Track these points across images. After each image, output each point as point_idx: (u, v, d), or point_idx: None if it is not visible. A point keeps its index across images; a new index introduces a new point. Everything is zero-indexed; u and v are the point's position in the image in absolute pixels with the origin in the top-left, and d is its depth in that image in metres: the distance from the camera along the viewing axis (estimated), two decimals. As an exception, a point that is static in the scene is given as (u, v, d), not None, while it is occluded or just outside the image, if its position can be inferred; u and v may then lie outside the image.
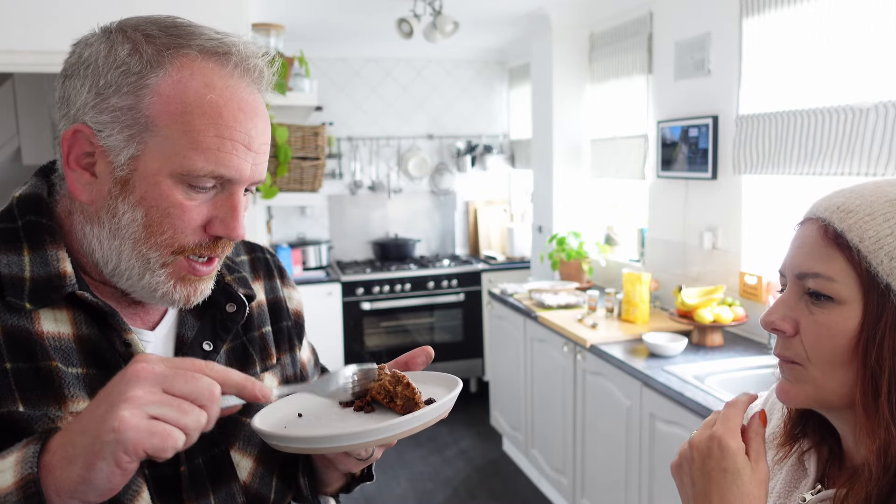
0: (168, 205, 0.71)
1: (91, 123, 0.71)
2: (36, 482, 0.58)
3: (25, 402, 0.68)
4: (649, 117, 3.40)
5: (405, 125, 5.23)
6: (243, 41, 0.75)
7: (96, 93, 0.71)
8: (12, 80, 4.40)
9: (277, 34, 3.24)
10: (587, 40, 3.99)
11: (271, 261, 1.00)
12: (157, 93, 0.70)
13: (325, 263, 4.88)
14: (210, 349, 0.83)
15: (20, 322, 0.70)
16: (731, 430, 0.73)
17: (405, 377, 0.77)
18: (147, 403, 0.59)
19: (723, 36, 2.83)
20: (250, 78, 0.74)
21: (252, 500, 0.83)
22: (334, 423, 0.77)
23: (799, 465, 0.83)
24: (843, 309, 0.70)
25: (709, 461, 0.72)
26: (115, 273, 0.75)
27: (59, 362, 0.70)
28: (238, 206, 0.75)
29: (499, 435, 4.15)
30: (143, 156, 0.71)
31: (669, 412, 2.28)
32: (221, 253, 0.78)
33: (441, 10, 3.54)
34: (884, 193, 0.71)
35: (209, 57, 0.72)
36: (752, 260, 2.80)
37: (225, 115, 0.71)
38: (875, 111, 2.10)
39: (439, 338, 4.87)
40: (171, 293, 0.75)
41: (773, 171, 2.54)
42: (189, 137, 0.70)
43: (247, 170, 0.73)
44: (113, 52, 0.72)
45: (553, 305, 3.37)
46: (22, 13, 2.64)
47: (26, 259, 0.73)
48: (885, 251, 0.67)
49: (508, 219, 5.46)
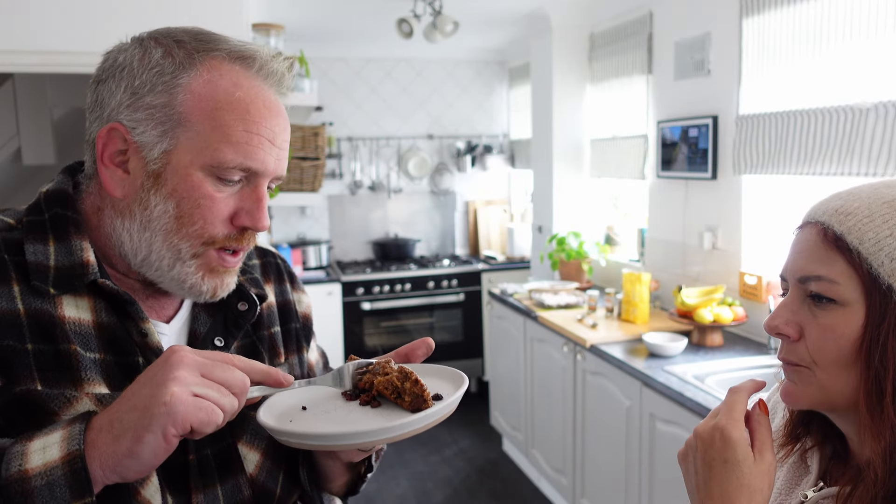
0: (199, 196, 0.76)
1: (125, 122, 0.76)
2: (82, 458, 0.62)
3: (44, 382, 0.71)
4: (649, 117, 3.40)
5: (405, 125, 5.23)
6: (265, 49, 0.80)
7: (132, 93, 0.76)
8: (12, 80, 4.40)
9: (277, 34, 3.24)
10: (587, 40, 3.99)
11: (282, 265, 1.04)
12: (189, 91, 0.75)
13: (325, 263, 4.89)
14: (221, 345, 0.86)
15: (44, 306, 0.74)
16: (734, 420, 0.73)
17: (413, 373, 0.77)
18: (192, 383, 0.64)
19: (722, 36, 2.83)
20: (273, 80, 0.80)
21: (258, 493, 0.85)
22: (342, 417, 0.78)
23: (801, 462, 0.83)
24: (846, 311, 0.70)
25: (710, 451, 0.72)
26: (145, 264, 0.79)
27: (79, 346, 0.74)
28: (263, 197, 0.79)
29: (499, 435, 4.15)
30: (175, 150, 0.75)
31: (669, 412, 2.28)
32: (247, 245, 0.82)
33: (441, 10, 3.54)
34: (881, 195, 0.71)
35: (236, 60, 0.78)
36: (752, 260, 2.80)
37: (252, 111, 0.76)
38: (875, 111, 2.10)
39: (439, 338, 4.87)
40: (200, 284, 0.80)
41: (773, 171, 2.54)
42: (219, 132, 0.75)
43: (271, 163, 0.79)
44: (147, 55, 0.76)
45: (553, 305, 3.37)
46: (22, 13, 2.64)
47: (51, 248, 0.77)
48: (886, 252, 0.68)
49: (508, 219, 5.46)
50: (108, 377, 0.75)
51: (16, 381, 0.70)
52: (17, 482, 0.61)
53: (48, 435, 0.64)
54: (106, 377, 0.75)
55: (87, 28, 2.66)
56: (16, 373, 0.70)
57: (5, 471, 0.61)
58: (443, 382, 0.82)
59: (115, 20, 2.67)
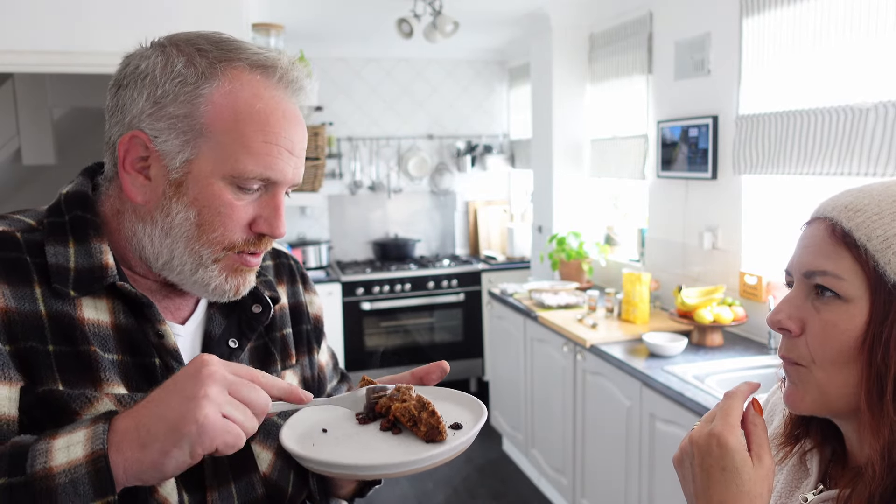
0: (219, 204, 0.78)
1: (147, 130, 0.77)
2: (105, 457, 0.63)
3: (65, 383, 0.73)
4: (649, 117, 3.40)
5: (405, 125, 5.23)
6: (285, 56, 0.82)
7: (154, 101, 0.77)
8: (12, 80, 4.40)
9: (277, 34, 3.24)
10: (587, 40, 3.99)
11: (295, 267, 1.05)
12: (211, 102, 0.77)
13: (326, 263, 4.88)
14: (235, 346, 0.88)
15: (64, 308, 0.75)
16: (730, 426, 0.72)
17: (430, 404, 0.79)
18: (222, 403, 0.65)
19: (722, 36, 2.83)
20: (292, 89, 0.81)
21: (271, 491, 0.87)
22: (364, 443, 0.79)
23: (800, 464, 0.83)
24: (849, 307, 0.69)
25: (708, 459, 0.71)
26: (167, 268, 0.81)
27: (98, 348, 0.76)
28: (280, 205, 0.82)
29: (499, 435, 4.15)
30: (196, 159, 0.77)
31: (669, 412, 2.28)
32: (264, 249, 0.85)
33: (441, 10, 3.54)
34: (892, 193, 0.71)
35: (256, 70, 0.79)
36: (752, 260, 2.80)
37: (271, 122, 0.78)
38: (875, 111, 2.10)
39: (439, 338, 4.87)
40: (223, 285, 0.82)
41: (773, 171, 2.54)
42: (240, 143, 0.77)
43: (289, 172, 0.81)
44: (170, 64, 0.77)
45: (553, 305, 3.37)
46: (22, 13, 2.64)
47: (71, 251, 0.78)
48: (893, 250, 0.67)
49: (508, 219, 5.46)
50: (126, 378, 0.77)
51: (38, 381, 0.72)
52: (42, 479, 0.62)
53: (71, 433, 0.65)
54: (124, 378, 0.77)
55: (86, 28, 2.66)
56: (38, 373, 0.72)
57: (30, 467, 0.62)
58: (461, 410, 0.84)
59: (115, 20, 2.67)
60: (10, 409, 0.69)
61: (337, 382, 1.10)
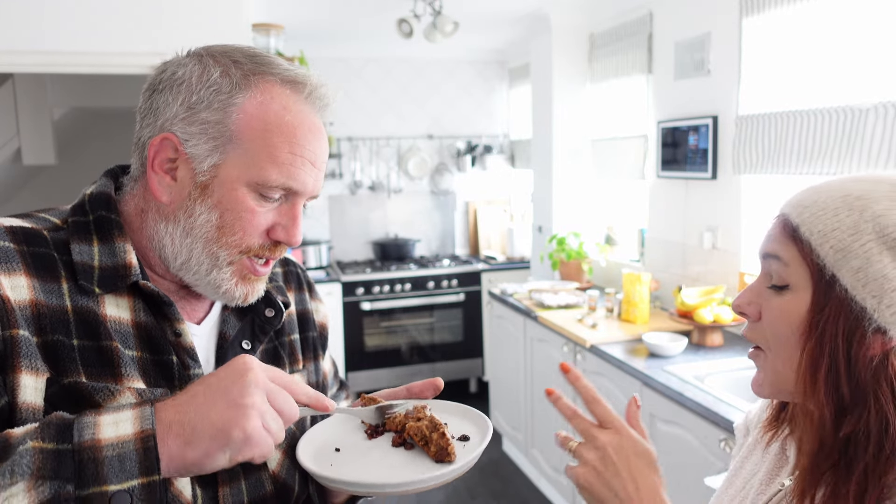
0: (241, 209, 0.81)
1: (179, 133, 0.80)
2: (154, 437, 0.65)
3: (88, 376, 0.75)
4: (649, 117, 3.40)
5: (405, 125, 5.23)
6: (314, 75, 0.86)
7: (188, 107, 0.80)
8: (12, 80, 4.40)
9: (277, 34, 3.25)
10: (587, 40, 3.99)
11: (302, 275, 1.09)
12: (242, 111, 0.80)
13: (326, 263, 4.88)
14: (248, 348, 0.92)
15: (89, 304, 0.78)
16: (622, 423, 0.82)
17: (442, 426, 0.84)
18: (264, 413, 0.68)
19: (722, 36, 2.83)
20: (318, 105, 0.85)
21: (279, 489, 0.89)
22: (378, 460, 0.84)
23: (781, 452, 0.87)
24: (795, 296, 0.75)
25: (623, 451, 0.78)
26: (184, 267, 0.83)
27: (119, 343, 0.78)
28: (298, 215, 0.86)
29: (499, 435, 4.15)
30: (224, 164, 0.80)
31: (669, 412, 2.28)
32: (278, 256, 0.88)
33: (441, 10, 3.54)
34: (843, 189, 0.75)
35: (287, 84, 0.83)
36: (752, 260, 2.80)
37: (298, 135, 0.81)
38: (875, 111, 2.10)
39: (439, 338, 4.87)
40: (233, 290, 0.85)
41: (773, 171, 2.54)
42: (267, 152, 0.80)
43: (310, 184, 0.84)
44: (206, 72, 0.81)
45: (553, 305, 3.37)
46: (22, 13, 2.64)
47: (96, 249, 0.81)
48: (831, 244, 0.72)
49: (508, 219, 5.46)
50: (145, 373, 0.80)
51: (63, 373, 0.74)
52: (90, 449, 0.63)
53: (117, 412, 0.67)
54: (143, 373, 0.79)
55: (86, 28, 2.66)
56: (63, 366, 0.74)
57: (78, 436, 0.64)
58: (468, 424, 0.91)
59: (115, 20, 2.67)
60: (37, 399, 0.72)
61: (336, 390, 1.13)
